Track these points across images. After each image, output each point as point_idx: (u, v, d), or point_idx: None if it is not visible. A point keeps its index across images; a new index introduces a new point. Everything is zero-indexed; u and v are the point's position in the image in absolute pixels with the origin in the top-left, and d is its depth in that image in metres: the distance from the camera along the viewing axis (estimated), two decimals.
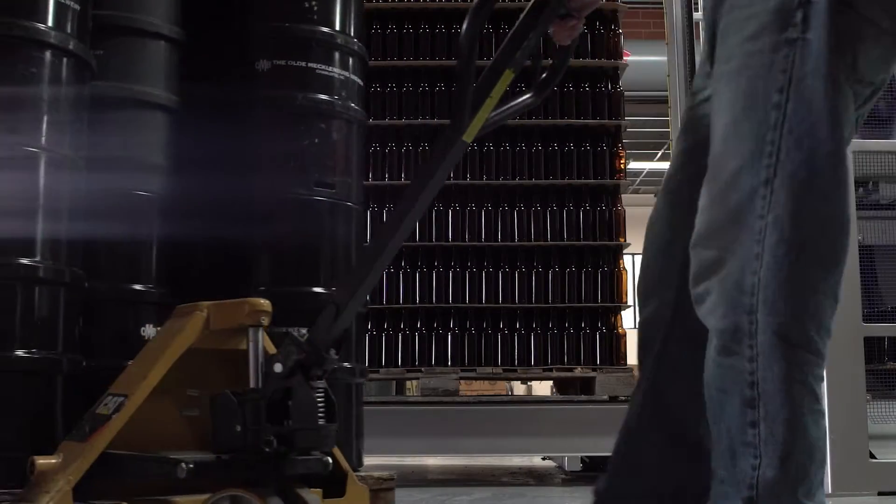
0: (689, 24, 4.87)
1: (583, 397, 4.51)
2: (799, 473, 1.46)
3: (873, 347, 3.66)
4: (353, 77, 3.12)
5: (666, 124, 5.83)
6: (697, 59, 5.76)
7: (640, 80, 8.51)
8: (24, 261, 2.39)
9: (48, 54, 2.44)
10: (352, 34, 3.11)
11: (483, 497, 3.72)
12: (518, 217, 4.80)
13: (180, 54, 2.92)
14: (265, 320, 2.03)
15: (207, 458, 1.94)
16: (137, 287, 2.72)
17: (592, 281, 4.75)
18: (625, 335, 4.76)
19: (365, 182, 3.49)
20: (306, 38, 3.00)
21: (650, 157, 15.32)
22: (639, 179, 16.44)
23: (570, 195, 4.83)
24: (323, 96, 2.99)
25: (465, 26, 1.78)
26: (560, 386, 5.24)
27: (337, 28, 3.07)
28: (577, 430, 4.23)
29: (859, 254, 3.59)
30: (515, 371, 4.72)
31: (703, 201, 1.56)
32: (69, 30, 2.48)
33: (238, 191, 2.88)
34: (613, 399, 4.42)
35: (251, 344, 1.99)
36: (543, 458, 5.30)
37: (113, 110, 2.69)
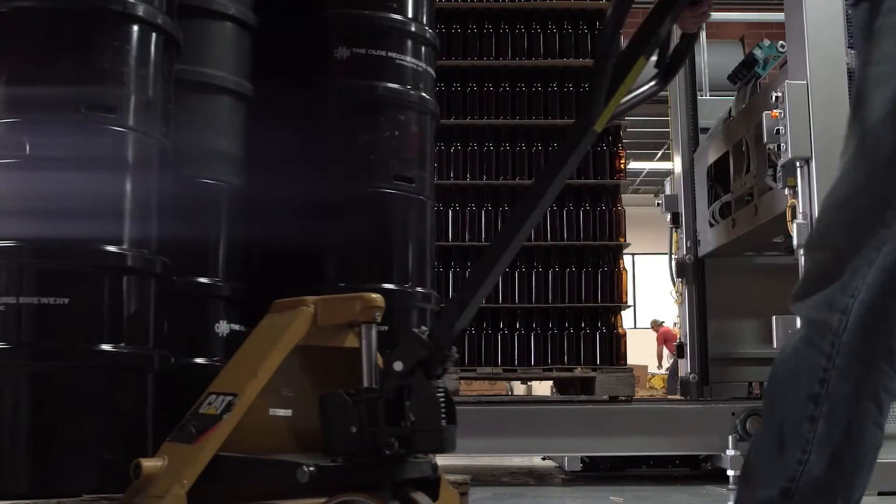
0: None
1: (583, 397, 4.50)
2: (844, 481, 1.46)
3: None
4: (428, 68, 3.03)
5: (666, 124, 5.82)
6: (697, 59, 5.76)
7: (640, 79, 8.51)
8: (112, 248, 2.25)
9: (136, 29, 2.31)
10: (426, 24, 3.02)
11: (483, 497, 3.72)
12: None
13: (252, 39, 2.80)
14: (379, 316, 1.95)
15: (328, 461, 1.84)
16: (206, 280, 2.59)
17: (592, 281, 4.75)
18: (625, 335, 4.77)
19: None
20: (385, 27, 2.91)
21: (650, 157, 15.33)
22: (639, 179, 16.44)
23: (570, 195, 4.83)
24: (401, 87, 2.90)
25: (609, 14, 1.73)
26: (560, 386, 5.23)
27: (413, 17, 2.98)
28: (577, 430, 4.22)
29: None
30: (515, 371, 4.72)
31: (832, 198, 1.53)
32: (156, 3, 2.36)
33: (313, 182, 2.77)
34: (613, 399, 4.41)
35: (364, 341, 1.91)
36: (543, 458, 5.29)
37: (183, 93, 2.56)
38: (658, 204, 5.67)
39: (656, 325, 14.52)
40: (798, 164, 3.73)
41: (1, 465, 2.15)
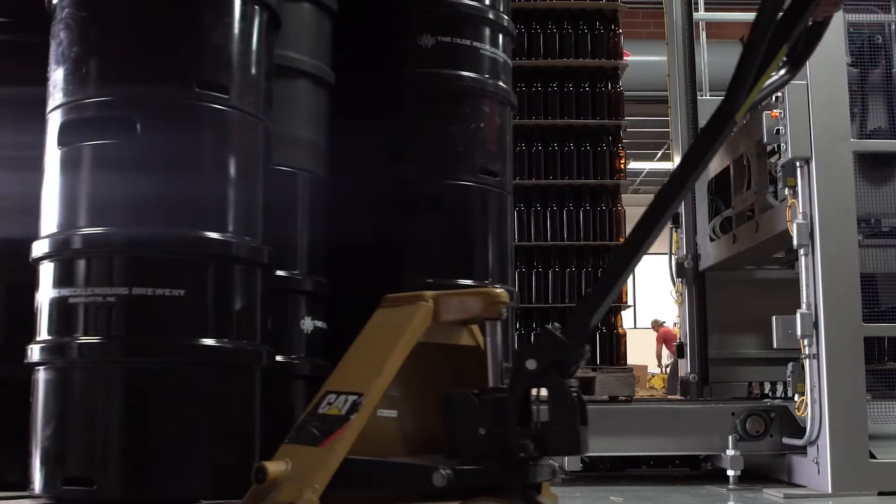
0: (689, 24, 4.87)
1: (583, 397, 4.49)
2: None
3: (873, 347, 3.65)
4: (507, 59, 2.94)
5: (666, 124, 5.82)
6: (697, 59, 5.76)
7: (640, 80, 8.52)
8: (216, 235, 2.11)
9: (243, 4, 2.21)
10: (504, 13, 2.94)
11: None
12: (518, 217, 4.80)
13: (332, 23, 2.68)
14: (505, 312, 1.86)
15: (458, 464, 1.73)
16: (288, 274, 2.46)
17: (593, 281, 4.75)
18: (625, 335, 4.76)
19: None
20: (469, 15, 2.83)
21: (650, 157, 15.32)
22: (639, 179, 16.43)
23: (570, 195, 4.83)
24: (485, 77, 2.81)
25: (762, 4, 1.67)
26: None
27: (492, 5, 2.89)
28: None
29: None
30: None
31: None
32: None
33: (395, 174, 2.68)
34: (613, 399, 4.41)
35: (489, 339, 1.82)
36: None
37: None
38: None
39: (657, 325, 14.50)
40: (798, 164, 3.73)
41: (108, 469, 2.04)
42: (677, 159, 5.54)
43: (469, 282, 2.67)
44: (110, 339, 2.06)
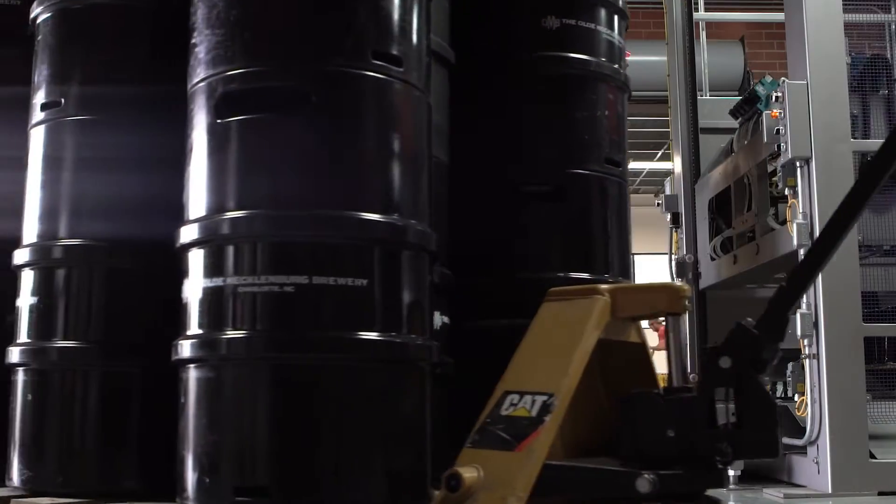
0: (689, 24, 4.86)
1: None
2: None
3: (873, 347, 3.65)
4: (623, 44, 2.84)
5: (666, 124, 5.82)
6: (697, 59, 5.76)
7: (640, 80, 8.50)
8: (377, 217, 1.95)
9: None
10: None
11: None
12: None
13: (450, 1, 2.55)
14: (688, 307, 1.80)
15: (665, 469, 1.65)
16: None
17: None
18: None
19: None
20: None
21: (650, 157, 15.30)
22: (639, 179, 16.40)
23: None
24: (609, 62, 2.72)
25: None
26: None
27: None
28: None
29: None
30: None
31: None
32: None
33: (517, 162, 2.56)
34: None
35: (671, 335, 1.78)
36: None
37: None
38: (658, 204, 5.65)
39: (657, 325, 14.49)
40: (798, 164, 3.73)
41: (282, 477, 1.90)
42: (677, 159, 5.53)
43: (585, 275, 2.58)
44: (281, 333, 1.92)
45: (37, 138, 2.64)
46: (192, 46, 2.17)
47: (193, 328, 2.06)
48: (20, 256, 2.60)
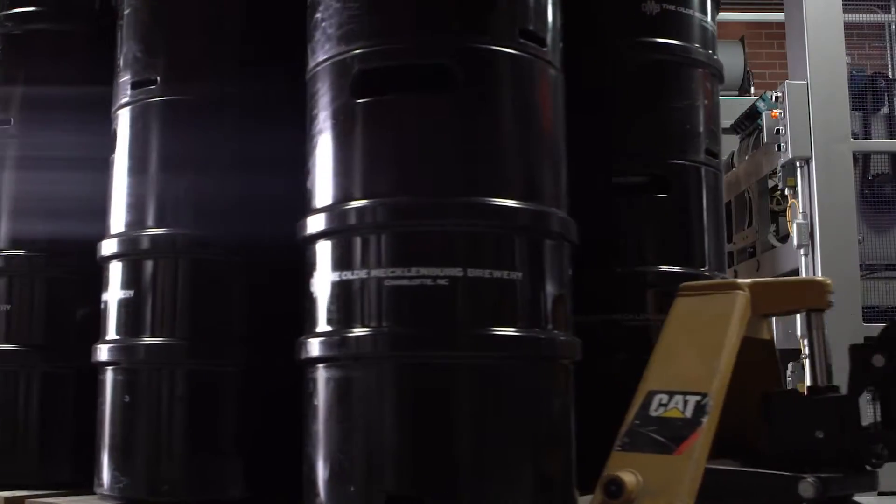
0: None
1: None
2: None
3: None
4: (715, 31, 2.72)
5: None
6: None
7: None
8: (525, 205, 1.85)
9: None
10: None
11: None
12: None
13: None
14: (832, 303, 1.75)
15: (827, 472, 1.59)
16: None
17: None
18: None
19: None
20: None
21: None
22: None
23: None
24: (706, 49, 2.62)
25: None
26: None
27: None
28: None
29: None
30: None
31: None
32: None
33: (617, 151, 2.48)
34: None
35: (815, 332, 1.72)
36: None
37: None
38: None
39: None
40: (798, 164, 3.74)
41: (438, 484, 1.77)
42: None
43: (683, 269, 2.50)
44: (435, 330, 1.79)
45: (125, 120, 2.48)
46: (316, 21, 2.02)
47: (322, 325, 1.92)
48: (108, 247, 2.46)
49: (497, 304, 1.82)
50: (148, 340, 2.35)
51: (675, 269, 2.50)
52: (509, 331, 1.82)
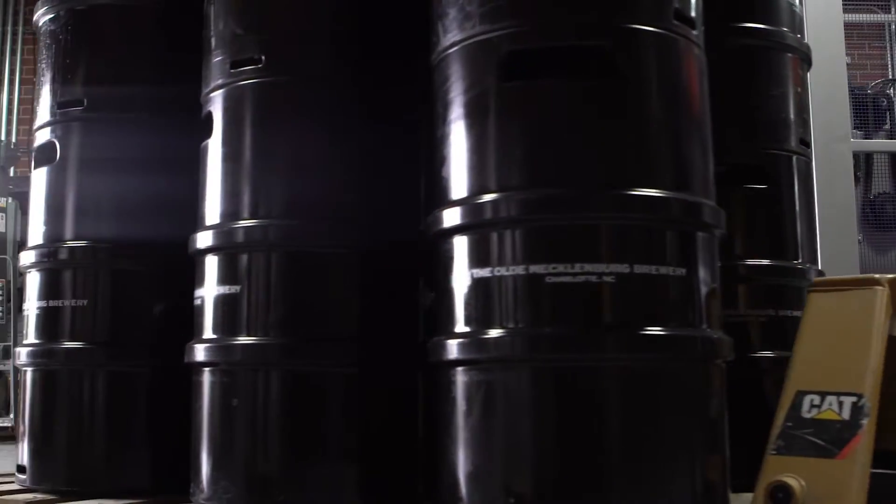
0: None
1: None
2: None
3: None
4: (803, 14, 2.68)
5: None
6: None
7: None
8: (683, 196, 1.78)
9: None
10: None
11: None
12: None
13: None
14: None
15: None
16: None
17: None
18: None
19: None
20: None
21: None
22: None
23: None
24: (795, 34, 2.55)
25: None
26: None
27: None
28: None
29: None
30: None
31: None
32: None
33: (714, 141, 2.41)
34: None
35: None
36: None
37: None
38: None
39: None
40: None
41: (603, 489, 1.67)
42: None
43: (775, 262, 2.48)
44: (602, 330, 1.68)
45: (219, 103, 2.29)
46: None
47: (460, 325, 1.81)
48: (203, 240, 2.29)
49: (659, 301, 1.74)
50: (249, 340, 2.19)
51: (767, 262, 2.50)
52: (670, 330, 1.75)
